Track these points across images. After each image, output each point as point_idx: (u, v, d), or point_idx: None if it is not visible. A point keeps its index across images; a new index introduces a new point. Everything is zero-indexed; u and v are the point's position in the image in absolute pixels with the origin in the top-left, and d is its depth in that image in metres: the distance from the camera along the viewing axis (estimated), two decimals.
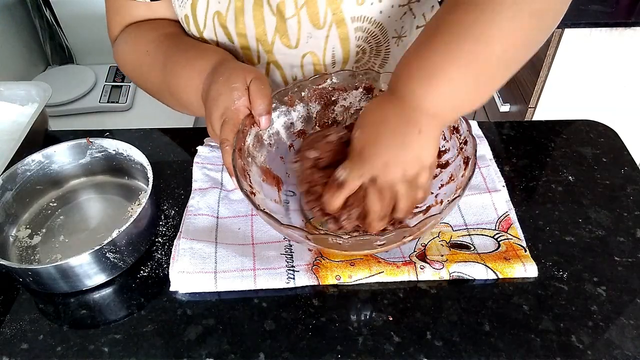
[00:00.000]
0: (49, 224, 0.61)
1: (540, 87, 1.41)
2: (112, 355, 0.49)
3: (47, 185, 0.64)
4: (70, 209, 0.63)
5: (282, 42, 0.64)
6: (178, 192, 0.64)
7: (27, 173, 0.61)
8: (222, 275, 0.53)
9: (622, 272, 0.54)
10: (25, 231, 0.60)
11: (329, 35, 0.63)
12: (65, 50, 1.53)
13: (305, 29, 0.62)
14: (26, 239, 0.60)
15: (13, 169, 0.60)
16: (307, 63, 0.67)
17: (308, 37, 0.63)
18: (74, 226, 0.61)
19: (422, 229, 0.49)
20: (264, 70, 0.68)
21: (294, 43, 0.64)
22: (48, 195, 0.64)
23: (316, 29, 0.62)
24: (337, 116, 0.64)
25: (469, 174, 0.51)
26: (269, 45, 0.65)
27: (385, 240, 0.48)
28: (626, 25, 1.28)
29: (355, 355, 0.48)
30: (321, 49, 0.65)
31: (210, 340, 0.50)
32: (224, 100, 0.55)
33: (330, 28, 0.62)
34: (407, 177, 0.49)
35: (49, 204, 0.64)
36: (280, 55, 0.66)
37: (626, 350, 0.48)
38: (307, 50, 0.65)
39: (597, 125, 0.72)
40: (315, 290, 0.53)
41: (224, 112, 0.55)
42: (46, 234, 0.60)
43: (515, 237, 0.56)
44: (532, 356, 0.48)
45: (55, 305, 0.53)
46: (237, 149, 0.54)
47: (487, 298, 0.52)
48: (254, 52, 0.66)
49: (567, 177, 0.65)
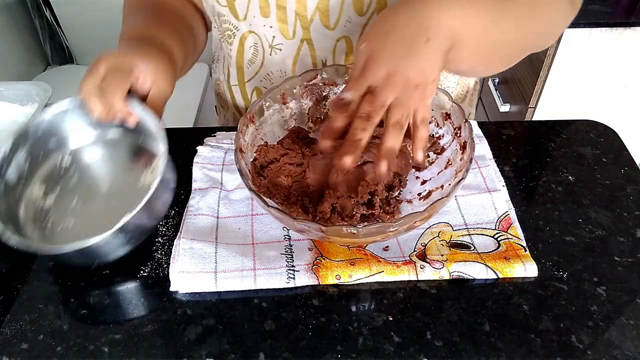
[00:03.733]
0: (63, 182, 0.59)
1: (540, 87, 1.41)
2: (112, 355, 0.49)
3: (60, 142, 0.61)
4: (83, 169, 0.61)
5: (321, 21, 0.64)
6: (178, 192, 0.64)
7: (38, 131, 0.59)
8: (222, 275, 0.53)
9: (622, 272, 0.54)
10: (40, 188, 0.58)
11: (367, 24, 0.63)
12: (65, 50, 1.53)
13: (347, 12, 0.62)
14: (40, 200, 0.57)
15: (23, 127, 0.58)
16: (340, 48, 0.66)
17: (347, 21, 0.63)
18: (87, 188, 0.59)
19: (432, 212, 0.49)
20: (295, 47, 0.68)
21: (333, 24, 0.64)
22: (61, 152, 0.62)
23: (357, 14, 0.62)
24: (329, 111, 0.65)
25: (468, 156, 0.52)
26: (307, 21, 0.64)
27: (398, 225, 0.48)
28: (626, 25, 1.28)
29: (355, 355, 0.48)
30: (357, 36, 0.64)
31: (210, 340, 0.50)
32: (117, 61, 0.55)
33: (372, 17, 0.62)
34: (410, 86, 0.47)
35: (63, 160, 0.61)
36: (316, 34, 0.65)
37: (626, 350, 0.48)
38: (343, 34, 0.65)
39: (597, 125, 0.72)
40: (315, 290, 0.53)
41: (109, 67, 0.55)
42: (60, 194, 0.58)
43: (515, 237, 0.57)
44: (532, 356, 0.48)
45: (55, 305, 0.53)
46: (238, 149, 0.54)
47: (487, 298, 0.52)
48: (290, 26, 0.65)
49: (567, 177, 0.65)
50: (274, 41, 0.68)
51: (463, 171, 0.51)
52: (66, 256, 0.51)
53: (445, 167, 0.57)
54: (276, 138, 0.62)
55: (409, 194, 0.59)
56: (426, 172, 0.59)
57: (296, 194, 0.57)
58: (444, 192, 0.55)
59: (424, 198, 0.57)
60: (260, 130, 0.60)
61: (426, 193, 0.58)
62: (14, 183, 0.57)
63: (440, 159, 0.58)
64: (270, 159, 0.58)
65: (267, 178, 0.57)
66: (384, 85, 0.47)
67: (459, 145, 0.55)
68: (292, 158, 0.58)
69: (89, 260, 0.53)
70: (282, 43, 0.68)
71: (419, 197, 0.58)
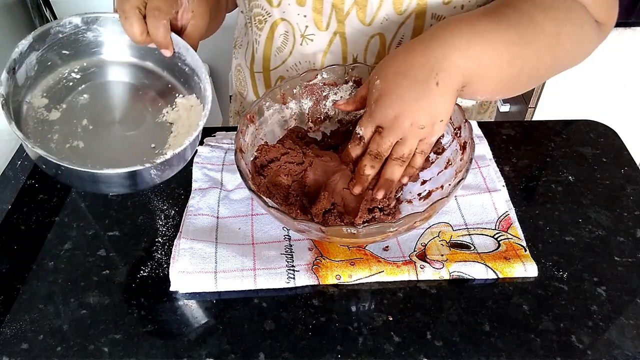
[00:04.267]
0: (71, 100, 0.54)
1: (540, 87, 1.41)
2: (112, 355, 0.49)
3: (75, 53, 0.55)
4: (96, 88, 0.55)
5: (357, 15, 0.63)
6: (178, 192, 0.64)
7: (59, 35, 0.53)
8: (222, 275, 0.53)
9: (622, 272, 0.54)
10: (41, 100, 0.53)
11: (404, 23, 0.63)
12: None
13: (385, 9, 0.62)
14: (42, 111, 0.52)
15: (46, 27, 0.52)
16: (373, 45, 0.66)
17: (385, 19, 0.63)
18: (98, 112, 0.54)
19: (432, 212, 0.49)
20: (327, 40, 0.67)
21: (369, 20, 0.63)
22: (72, 64, 0.56)
23: (396, 13, 0.62)
24: (329, 111, 0.65)
25: (468, 157, 0.52)
26: (343, 14, 0.64)
27: (398, 226, 0.48)
28: (626, 25, 1.28)
29: (355, 355, 0.48)
30: (391, 34, 0.64)
31: (210, 340, 0.50)
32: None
33: (409, 17, 0.62)
34: (415, 127, 0.51)
35: (71, 74, 0.55)
36: (350, 28, 0.65)
37: (626, 350, 0.48)
38: (378, 32, 0.65)
39: (597, 125, 0.72)
40: (315, 290, 0.53)
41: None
42: (66, 111, 0.53)
43: (515, 237, 0.57)
44: (532, 356, 0.48)
45: (55, 305, 0.53)
46: (238, 149, 0.54)
47: (487, 298, 0.52)
48: (325, 18, 0.65)
49: (567, 177, 0.65)
50: (307, 31, 0.67)
51: (463, 171, 0.51)
52: (82, 180, 0.46)
53: (445, 167, 0.57)
54: (276, 138, 0.63)
55: (409, 194, 0.59)
56: (426, 172, 0.59)
57: (295, 194, 0.57)
58: (444, 193, 0.55)
59: (424, 198, 0.57)
60: (260, 130, 0.60)
61: (426, 193, 0.58)
62: (21, 84, 0.51)
63: (440, 159, 0.59)
64: (271, 157, 0.58)
65: (267, 177, 0.57)
66: (391, 127, 0.52)
67: (459, 145, 0.55)
68: (293, 157, 0.58)
69: (105, 189, 0.47)
70: (314, 34, 0.67)
71: (419, 197, 0.58)
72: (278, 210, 0.49)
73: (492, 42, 0.51)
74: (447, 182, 0.56)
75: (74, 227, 0.61)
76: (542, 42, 0.54)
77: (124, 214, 0.62)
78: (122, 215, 0.62)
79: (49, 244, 0.59)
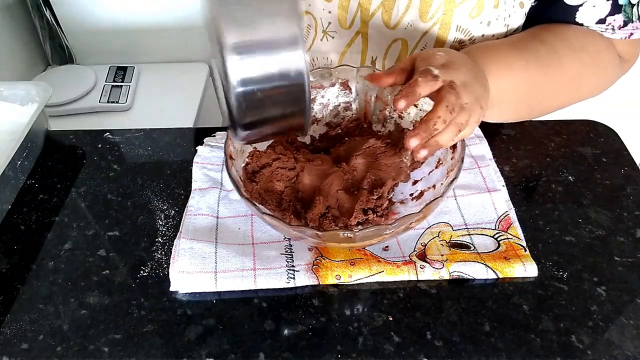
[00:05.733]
0: None
1: None
2: (112, 355, 0.49)
3: None
4: None
5: (382, 17, 0.63)
6: (178, 192, 0.64)
7: None
8: (222, 275, 0.53)
9: (622, 272, 0.54)
10: None
11: (428, 32, 0.62)
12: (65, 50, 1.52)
13: (411, 15, 0.62)
14: None
15: None
16: (394, 49, 0.65)
17: (409, 24, 0.62)
18: None
19: (427, 213, 0.49)
20: (349, 39, 0.67)
21: (393, 23, 0.63)
22: None
23: (421, 20, 0.62)
24: (317, 114, 0.64)
25: (459, 155, 0.52)
26: (368, 15, 0.63)
27: (394, 227, 0.48)
28: None
29: (355, 355, 0.48)
30: (414, 41, 0.64)
31: (210, 340, 0.50)
32: None
33: (434, 26, 0.62)
34: (478, 102, 0.50)
35: None
36: (373, 30, 0.64)
37: (626, 350, 0.48)
38: (401, 37, 0.64)
39: (597, 125, 0.72)
40: (315, 290, 0.53)
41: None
42: None
43: (515, 237, 0.57)
44: (532, 356, 0.48)
45: (55, 305, 0.53)
46: (228, 156, 0.54)
47: (487, 298, 0.52)
48: (350, 15, 0.64)
49: (567, 177, 0.65)
50: (329, 27, 0.66)
51: (455, 170, 0.51)
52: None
53: (436, 167, 0.57)
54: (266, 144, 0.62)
55: (401, 195, 0.59)
56: (417, 171, 0.59)
57: (288, 199, 0.56)
58: (436, 192, 0.55)
59: (417, 198, 0.57)
60: None
61: (418, 193, 0.58)
62: None
63: (431, 158, 0.58)
64: (263, 163, 0.57)
65: (259, 183, 0.57)
66: (464, 88, 0.48)
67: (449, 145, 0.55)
68: (285, 162, 0.57)
69: None
70: (336, 31, 0.66)
71: (412, 198, 0.58)
72: (272, 216, 0.49)
73: (518, 80, 0.54)
74: (439, 182, 0.55)
75: (74, 227, 0.61)
76: (563, 85, 0.55)
77: (124, 214, 0.62)
78: (122, 215, 0.62)
79: (49, 244, 0.59)
